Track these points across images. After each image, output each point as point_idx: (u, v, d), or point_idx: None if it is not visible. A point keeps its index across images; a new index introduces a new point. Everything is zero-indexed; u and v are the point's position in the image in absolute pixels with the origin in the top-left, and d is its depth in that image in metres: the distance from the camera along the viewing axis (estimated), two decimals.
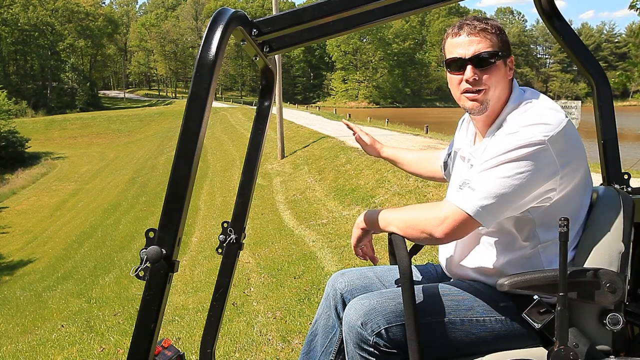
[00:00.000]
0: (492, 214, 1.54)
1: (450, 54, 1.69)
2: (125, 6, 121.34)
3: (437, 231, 1.56)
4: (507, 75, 1.69)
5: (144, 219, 14.79)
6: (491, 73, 1.64)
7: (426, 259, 5.13)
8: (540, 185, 1.55)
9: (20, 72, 76.27)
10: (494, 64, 1.64)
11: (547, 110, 1.60)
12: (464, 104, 1.71)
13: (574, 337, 1.54)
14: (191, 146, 1.28)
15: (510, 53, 1.70)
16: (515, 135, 1.55)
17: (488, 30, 1.65)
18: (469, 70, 1.64)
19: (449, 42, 1.71)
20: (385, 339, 1.61)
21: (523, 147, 1.51)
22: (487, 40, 1.64)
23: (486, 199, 1.52)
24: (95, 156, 40.43)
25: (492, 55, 1.64)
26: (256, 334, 4.22)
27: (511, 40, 12.93)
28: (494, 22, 1.68)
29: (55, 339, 5.54)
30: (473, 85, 1.66)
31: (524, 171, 1.51)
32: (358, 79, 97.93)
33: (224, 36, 1.29)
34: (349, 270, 2.03)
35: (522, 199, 1.55)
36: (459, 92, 1.70)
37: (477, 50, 1.63)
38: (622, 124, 35.77)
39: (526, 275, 1.55)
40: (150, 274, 1.30)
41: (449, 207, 1.56)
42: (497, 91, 1.66)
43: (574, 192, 1.62)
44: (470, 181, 1.57)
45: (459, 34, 1.67)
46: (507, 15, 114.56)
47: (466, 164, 1.83)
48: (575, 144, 1.60)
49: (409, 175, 9.60)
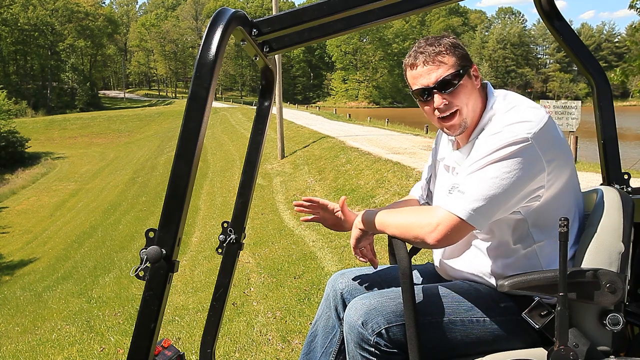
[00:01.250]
0: (484, 216, 1.53)
1: (414, 85, 1.70)
2: (125, 6, 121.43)
3: (430, 238, 1.56)
4: (476, 86, 1.70)
5: (144, 219, 14.79)
6: (459, 93, 1.65)
7: (426, 259, 5.13)
8: (529, 182, 1.55)
9: (20, 72, 76.30)
10: (459, 84, 1.65)
11: (527, 109, 1.61)
12: (444, 131, 1.74)
13: (574, 337, 1.54)
14: (191, 146, 1.28)
15: (471, 63, 1.70)
16: (499, 135, 1.55)
17: (442, 53, 1.65)
18: (437, 98, 1.66)
19: (409, 74, 1.71)
20: (386, 338, 1.61)
21: (508, 146, 1.52)
22: (444, 64, 1.64)
23: (477, 201, 1.52)
24: (95, 156, 40.44)
25: (455, 77, 1.64)
26: (256, 334, 4.22)
27: (511, 40, 12.98)
28: (446, 39, 1.68)
29: (55, 339, 5.53)
30: (445, 111, 1.67)
31: (511, 170, 1.51)
32: (358, 79, 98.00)
33: (224, 36, 1.29)
34: (349, 271, 2.02)
35: (512, 198, 1.55)
36: (435, 120, 1.72)
37: (438, 76, 1.64)
38: (622, 124, 35.78)
39: (526, 276, 1.55)
40: (150, 274, 1.30)
41: (441, 212, 1.56)
42: (471, 105, 1.67)
43: (563, 189, 1.63)
44: (459, 185, 1.57)
45: (415, 65, 1.67)
46: (507, 15, 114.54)
47: (450, 173, 1.82)
48: (558, 140, 1.60)
49: (409, 175, 9.61)
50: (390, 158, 11.88)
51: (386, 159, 11.84)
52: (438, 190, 1.95)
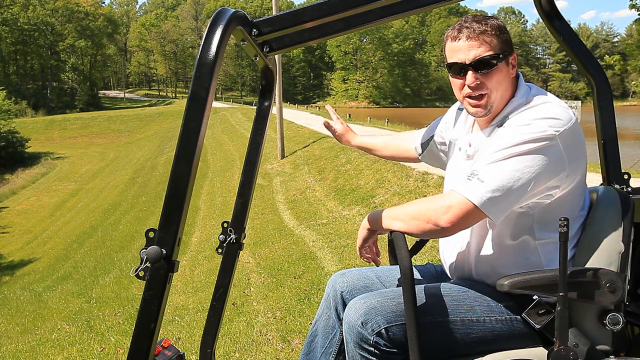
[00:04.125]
0: (499, 207, 1.52)
1: (451, 58, 1.67)
2: (125, 6, 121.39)
3: (442, 220, 1.54)
4: (510, 74, 1.68)
5: (144, 219, 14.79)
6: (493, 76, 1.63)
7: (426, 259, 5.13)
8: (548, 180, 1.54)
9: (20, 72, 76.24)
10: (495, 67, 1.62)
11: (557, 107, 1.60)
12: (467, 108, 1.71)
13: (574, 337, 1.54)
14: (191, 146, 1.28)
15: (512, 51, 1.68)
16: (527, 127, 1.54)
17: (487, 33, 1.62)
18: (470, 76, 1.63)
19: (448, 45, 1.69)
20: (386, 338, 1.61)
21: (534, 141, 1.51)
22: (486, 44, 1.62)
23: (494, 191, 1.50)
24: (95, 156, 40.42)
25: (493, 59, 1.62)
26: (256, 334, 4.22)
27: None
28: (494, 21, 1.66)
29: (55, 339, 5.54)
30: (475, 90, 1.65)
31: (533, 165, 1.50)
32: (358, 79, 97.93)
33: (224, 36, 1.29)
34: (349, 271, 2.02)
35: (529, 193, 1.54)
36: (462, 96, 1.70)
37: (477, 55, 1.62)
38: (622, 124, 35.77)
39: (526, 276, 1.55)
40: (150, 274, 1.30)
41: (455, 196, 1.54)
42: (500, 92, 1.66)
43: (574, 191, 1.63)
44: (479, 172, 1.54)
45: (458, 37, 1.65)
46: (507, 15, 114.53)
47: (462, 154, 1.82)
48: (580, 143, 1.60)
49: (409, 175, 9.60)
50: None
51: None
52: (448, 171, 1.94)
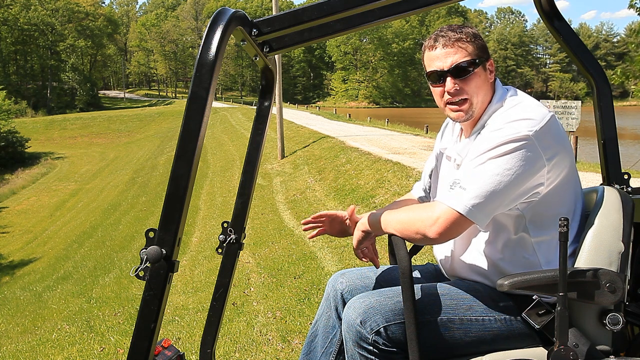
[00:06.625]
0: (484, 212, 1.55)
1: (430, 66, 1.73)
2: (125, 6, 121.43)
3: (430, 231, 1.57)
4: (488, 79, 1.73)
5: (144, 219, 14.79)
6: (471, 81, 1.68)
7: (426, 259, 5.13)
8: (529, 179, 1.56)
9: (20, 72, 76.20)
10: (472, 72, 1.67)
11: (530, 106, 1.63)
12: (448, 114, 1.76)
13: (573, 337, 1.54)
14: (191, 146, 1.28)
15: (489, 56, 1.74)
16: (501, 131, 1.57)
17: (463, 40, 1.68)
18: (449, 82, 1.68)
19: (426, 55, 1.74)
20: (384, 337, 1.61)
21: (509, 143, 1.54)
22: (463, 50, 1.67)
23: (477, 197, 1.53)
24: (95, 156, 40.42)
25: (470, 64, 1.67)
26: (256, 334, 4.22)
27: (511, 40, 12.93)
28: (469, 29, 1.71)
29: (55, 339, 5.53)
30: (454, 96, 1.69)
31: (511, 167, 1.53)
32: (358, 79, 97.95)
33: (224, 36, 1.29)
34: (349, 271, 2.03)
35: (512, 195, 1.56)
36: (443, 103, 1.74)
37: (454, 61, 1.67)
38: (622, 124, 35.78)
39: (526, 276, 1.55)
40: (150, 274, 1.30)
41: (441, 207, 1.57)
42: (480, 97, 1.70)
43: (562, 187, 1.64)
44: (460, 180, 1.58)
45: (435, 46, 1.71)
46: (507, 15, 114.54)
47: (452, 163, 1.84)
48: (560, 138, 1.62)
49: (409, 175, 9.61)
50: (391, 158, 11.87)
51: (386, 159, 11.84)
52: (439, 181, 1.97)
